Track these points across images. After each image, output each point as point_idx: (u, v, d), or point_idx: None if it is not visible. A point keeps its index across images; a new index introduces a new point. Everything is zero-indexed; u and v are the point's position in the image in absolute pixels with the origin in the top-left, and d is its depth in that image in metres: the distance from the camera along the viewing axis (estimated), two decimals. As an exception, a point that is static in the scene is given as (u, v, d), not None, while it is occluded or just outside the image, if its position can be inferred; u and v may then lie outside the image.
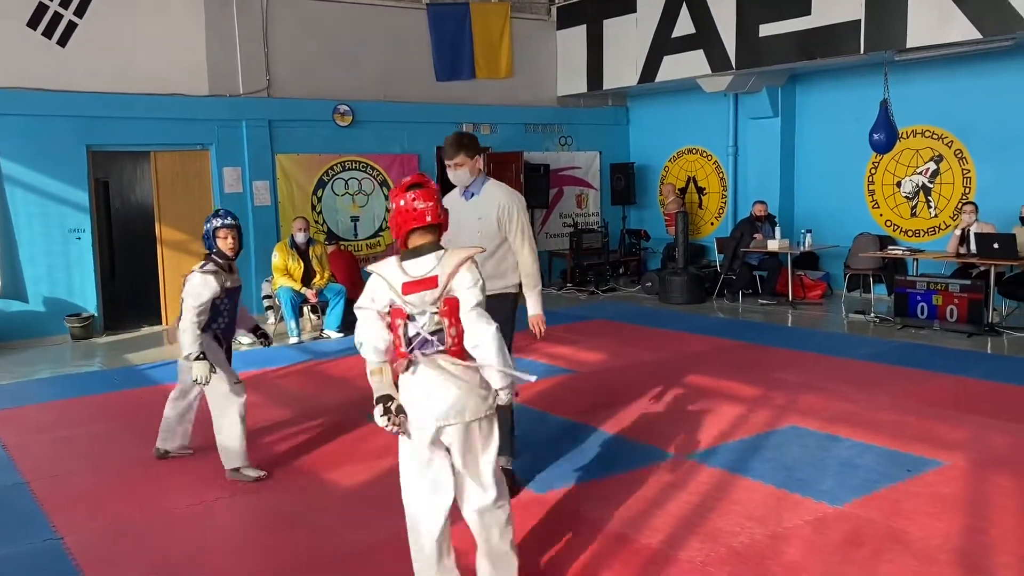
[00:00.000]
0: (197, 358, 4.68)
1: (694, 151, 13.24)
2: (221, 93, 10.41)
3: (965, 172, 10.16)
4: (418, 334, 3.15)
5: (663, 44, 11.61)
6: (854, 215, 11.08)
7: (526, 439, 5.44)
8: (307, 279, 9.04)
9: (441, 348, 3.15)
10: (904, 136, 10.19)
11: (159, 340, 9.46)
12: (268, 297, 9.61)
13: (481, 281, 3.19)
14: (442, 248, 3.21)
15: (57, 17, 9.41)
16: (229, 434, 4.86)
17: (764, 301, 10.77)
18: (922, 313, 8.77)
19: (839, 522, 4.06)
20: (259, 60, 10.65)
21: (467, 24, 12.19)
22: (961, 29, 8.58)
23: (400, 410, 3.15)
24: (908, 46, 9.07)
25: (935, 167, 10.45)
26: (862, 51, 9.44)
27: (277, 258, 8.99)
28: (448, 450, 3.22)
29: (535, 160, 12.75)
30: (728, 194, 12.71)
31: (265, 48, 10.68)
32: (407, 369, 3.17)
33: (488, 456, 3.24)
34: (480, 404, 3.17)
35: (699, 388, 6.62)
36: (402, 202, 3.19)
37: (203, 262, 4.83)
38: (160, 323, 10.30)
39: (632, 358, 7.78)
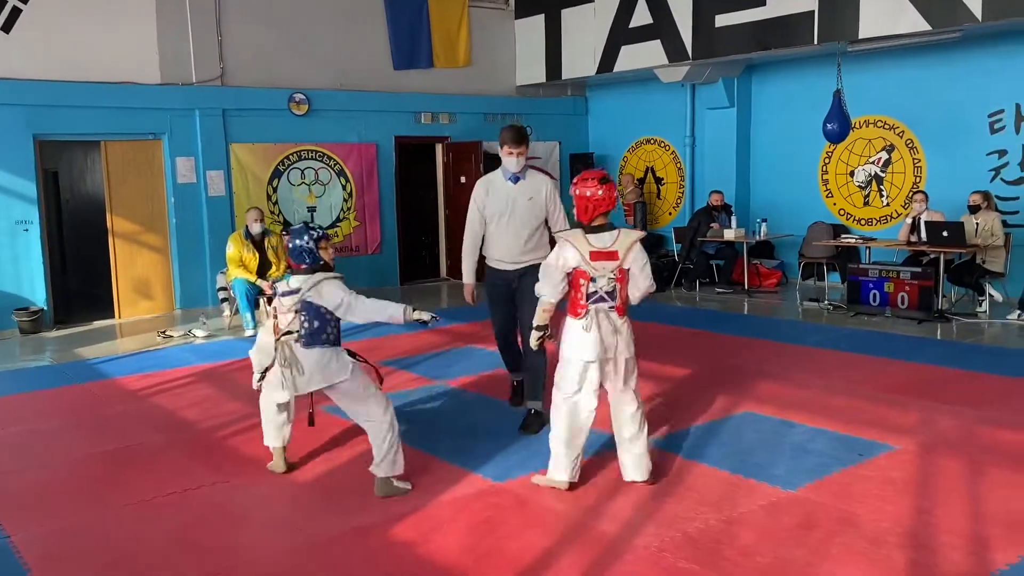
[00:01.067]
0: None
1: (652, 141, 13.31)
2: (173, 81, 10.21)
3: (916, 161, 10.36)
4: (596, 292, 4.29)
5: (621, 34, 11.65)
6: (808, 204, 11.24)
7: (486, 427, 5.45)
8: (263, 270, 8.91)
9: (613, 304, 4.32)
10: (857, 126, 10.36)
11: (111, 334, 9.28)
12: (223, 289, 9.46)
13: (648, 262, 4.46)
14: (616, 228, 4.38)
15: (0, 3, 9.15)
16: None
17: (721, 290, 10.89)
18: (874, 300, 8.93)
19: (792, 506, 4.12)
20: (212, 48, 10.46)
21: (424, 12, 12.10)
22: (911, 21, 8.73)
23: (551, 336, 4.47)
24: (860, 37, 9.21)
25: (887, 157, 10.64)
26: (816, 42, 9.56)
27: (231, 249, 8.84)
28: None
29: (494, 150, 12.61)
30: (686, 184, 12.81)
31: (218, 36, 10.50)
32: (582, 316, 4.31)
33: (632, 380, 4.44)
34: (630, 347, 4.42)
35: (657, 376, 6.66)
36: (600, 192, 4.35)
37: (329, 274, 4.36)
38: (113, 316, 10.10)
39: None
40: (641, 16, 11.33)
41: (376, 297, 4.50)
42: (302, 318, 4.29)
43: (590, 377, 4.32)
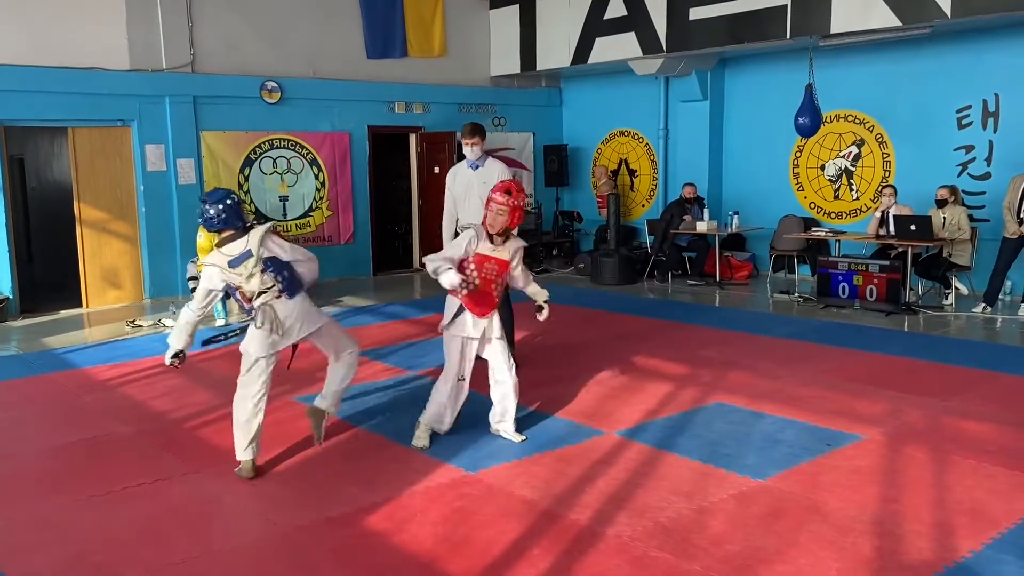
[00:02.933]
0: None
1: (626, 133, 13.35)
2: (143, 68, 10.06)
3: (885, 156, 10.48)
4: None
5: (595, 26, 11.65)
6: (780, 197, 11.34)
7: (459, 419, 5.44)
8: (234, 260, 8.82)
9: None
10: (828, 120, 10.46)
11: (79, 323, 9.15)
12: (194, 279, 9.34)
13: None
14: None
15: (-36, -16, 8.97)
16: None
17: (693, 282, 10.96)
18: (843, 293, 9.04)
19: (762, 495, 4.17)
20: (182, 34, 10.32)
21: (398, 1, 12.02)
22: (882, 16, 8.82)
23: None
24: (832, 32, 9.29)
25: (857, 151, 10.76)
26: (788, 36, 9.63)
27: (202, 238, 8.73)
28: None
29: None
30: (659, 176, 12.87)
31: (189, 22, 10.36)
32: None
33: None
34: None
35: (629, 367, 6.70)
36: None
37: (263, 226, 4.53)
38: (80, 305, 9.96)
39: (563, 338, 7.83)
40: (615, 8, 11.35)
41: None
42: (273, 274, 4.40)
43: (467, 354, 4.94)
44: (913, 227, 8.68)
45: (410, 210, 12.89)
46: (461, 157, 6.76)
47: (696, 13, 10.45)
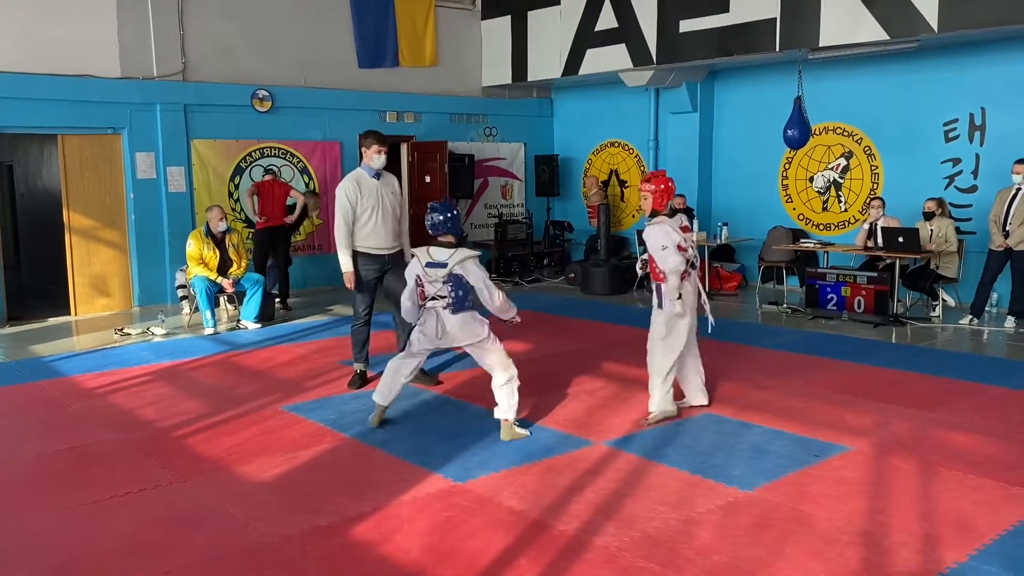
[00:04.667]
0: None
1: (616, 144, 13.40)
2: (133, 75, 10.05)
3: (873, 168, 10.56)
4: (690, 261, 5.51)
5: (586, 37, 11.71)
6: (768, 209, 11.40)
7: (447, 428, 5.45)
8: (223, 268, 8.82)
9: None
10: (817, 132, 10.53)
11: (67, 331, 9.10)
12: (182, 287, 9.33)
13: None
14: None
15: (-46, -9, 8.95)
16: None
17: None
18: (832, 304, 9.08)
19: (749, 506, 4.18)
20: (174, 42, 10.32)
21: (390, 11, 12.06)
22: (870, 30, 8.90)
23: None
24: (821, 45, 9.36)
25: (845, 163, 10.83)
26: (777, 49, 9.69)
27: (192, 247, 8.74)
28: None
29: (460, 150, 12.72)
30: (649, 187, 12.89)
31: (180, 30, 10.36)
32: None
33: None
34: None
35: (619, 377, 6.71)
36: (672, 183, 5.69)
37: (470, 252, 5.14)
38: (69, 313, 9.92)
39: (554, 348, 7.85)
40: (607, 20, 11.41)
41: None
42: (449, 288, 5.06)
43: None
44: (901, 239, 8.73)
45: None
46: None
47: (686, 25, 10.51)
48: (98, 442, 5.28)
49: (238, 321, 9.04)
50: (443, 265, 5.03)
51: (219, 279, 8.73)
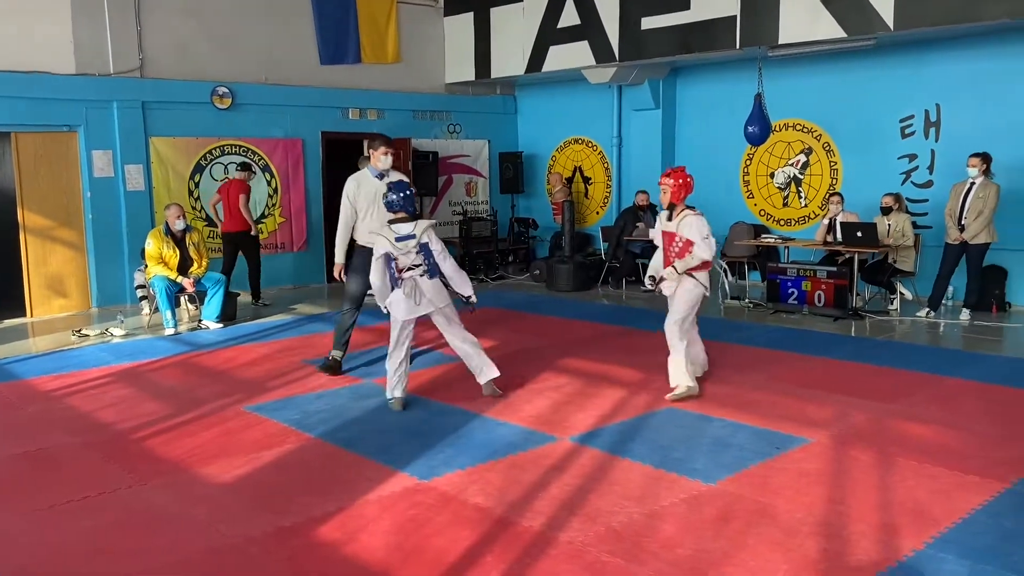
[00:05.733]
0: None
1: (580, 141, 13.45)
2: (89, 72, 9.87)
3: (832, 164, 10.71)
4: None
5: (549, 34, 11.73)
6: (730, 205, 11.52)
7: (412, 426, 5.44)
8: (183, 267, 8.69)
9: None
10: (777, 129, 10.66)
11: (23, 333, 8.91)
12: (142, 287, 9.19)
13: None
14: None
15: (-99, -15, 8.71)
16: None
17: (646, 288, 11.00)
18: (792, 298, 9.21)
19: (712, 499, 4.22)
20: (131, 38, 10.15)
21: (352, 7, 11.98)
22: (828, 28, 9.03)
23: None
24: (780, 42, 9.48)
25: (805, 159, 10.98)
26: (738, 46, 9.79)
27: (151, 246, 8.60)
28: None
29: (424, 147, 12.68)
30: (613, 184, 12.99)
31: (137, 26, 10.19)
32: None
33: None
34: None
35: (583, 373, 6.75)
36: (691, 179, 6.04)
37: (430, 221, 5.79)
38: (24, 315, 9.71)
39: (519, 345, 7.86)
40: (569, 17, 11.44)
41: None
42: (423, 257, 5.63)
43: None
44: (859, 234, 8.88)
45: (364, 217, 12.80)
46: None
47: (648, 23, 10.58)
48: (56, 445, 5.18)
49: (199, 321, 8.93)
50: (411, 236, 5.59)
51: (179, 278, 8.61)
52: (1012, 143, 8.91)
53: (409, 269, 5.62)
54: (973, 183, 8.44)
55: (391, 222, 5.69)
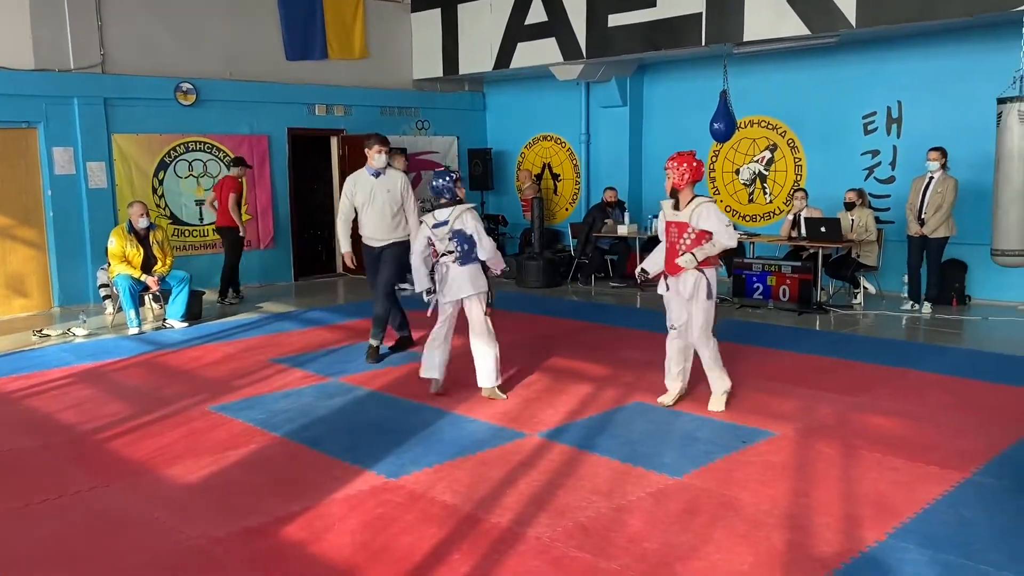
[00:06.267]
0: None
1: (549, 138, 13.46)
2: (49, 68, 9.69)
3: (797, 160, 10.83)
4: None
5: (517, 31, 11.73)
6: (698, 201, 11.57)
7: (380, 424, 5.41)
8: (147, 266, 8.58)
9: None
10: (742, 126, 10.75)
11: (-19, 333, 8.74)
12: (105, 286, 9.05)
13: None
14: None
15: None
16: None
17: (615, 284, 11.12)
18: (758, 293, 9.30)
19: (679, 492, 4.25)
20: (91, 33, 9.98)
21: (318, 2, 11.88)
22: (792, 25, 9.11)
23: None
24: (745, 40, 9.55)
25: (770, 156, 11.09)
26: (703, 43, 9.86)
27: (114, 244, 8.47)
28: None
29: (392, 144, 12.58)
30: (581, 180, 13.02)
31: (98, 21, 10.02)
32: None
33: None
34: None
35: (552, 369, 6.76)
36: (700, 165, 5.47)
37: (467, 204, 5.79)
38: (-18, 315, 9.53)
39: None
40: (536, 14, 11.44)
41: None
42: (455, 243, 5.63)
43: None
44: (823, 229, 8.98)
45: (332, 215, 12.69)
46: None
47: (615, 20, 10.61)
48: (16, 448, 5.09)
49: (164, 320, 8.81)
50: (445, 223, 5.66)
51: (143, 277, 8.49)
52: (971, 139, 9.06)
53: (444, 255, 5.74)
54: (932, 177, 8.58)
55: (436, 207, 5.81)
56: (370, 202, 6.85)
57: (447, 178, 5.78)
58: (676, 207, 5.47)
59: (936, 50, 9.51)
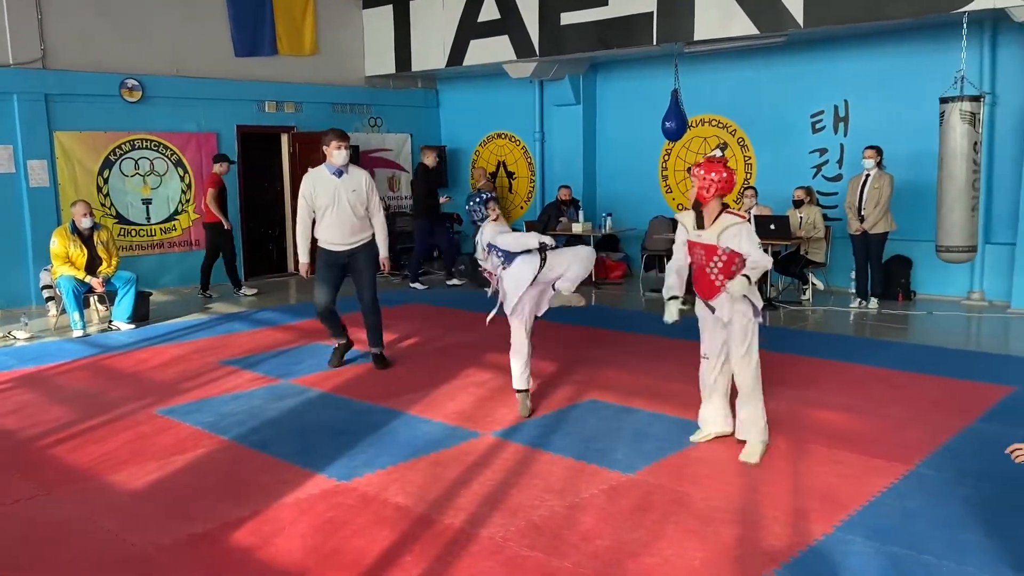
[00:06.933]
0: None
1: (503, 136, 13.45)
2: (-14, 62, 9.41)
3: (747, 159, 10.98)
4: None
5: (470, 28, 11.69)
6: (649, 199, 11.70)
7: (331, 426, 5.35)
8: (92, 267, 8.37)
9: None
10: (693, 124, 10.86)
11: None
12: (48, 287, 8.81)
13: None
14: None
15: None
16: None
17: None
18: (711, 290, 9.37)
19: (631, 489, 4.28)
20: (31, 27, 9.70)
21: (267, -3, 11.71)
22: (741, 25, 9.22)
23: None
24: (696, 39, 9.64)
25: (721, 154, 11.16)
26: (655, 42, 9.93)
27: (56, 245, 8.25)
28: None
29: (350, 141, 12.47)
30: (536, 179, 13.03)
31: (38, 14, 9.75)
32: None
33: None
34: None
35: (506, 368, 6.71)
36: (732, 173, 4.81)
37: (489, 220, 5.60)
38: (-82, 318, 9.20)
39: (443, 341, 7.82)
40: (489, 11, 11.41)
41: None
42: (496, 257, 5.51)
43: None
44: (772, 226, 9.11)
45: (283, 213, 12.55)
46: None
47: (567, 18, 10.63)
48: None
49: (109, 322, 8.61)
50: (489, 246, 5.56)
51: (87, 278, 8.29)
52: (915, 137, 9.27)
53: (495, 269, 5.60)
54: (869, 175, 8.76)
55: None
56: (334, 204, 6.29)
57: (477, 199, 5.67)
58: (699, 224, 4.68)
59: (881, 50, 9.70)
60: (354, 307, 6.93)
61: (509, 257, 5.47)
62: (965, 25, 8.05)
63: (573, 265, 5.44)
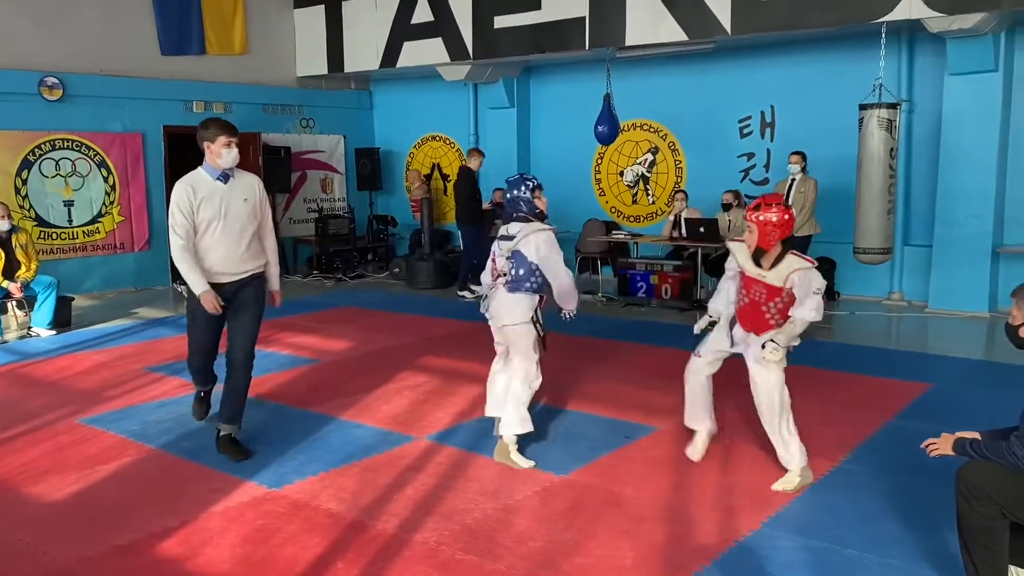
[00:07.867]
0: None
1: (438, 138, 13.42)
2: None
3: (677, 163, 11.17)
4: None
5: (403, 30, 11.63)
6: (583, 202, 11.81)
7: (261, 433, 5.25)
8: (9, 271, 8.06)
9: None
10: (625, 129, 11.00)
11: None
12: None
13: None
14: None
15: None
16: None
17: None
18: (642, 292, 9.54)
19: (564, 490, 4.31)
20: (-58, 22, 9.31)
21: (194, -5, 11.45)
22: (670, 31, 9.39)
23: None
24: (627, 44, 9.78)
25: (652, 158, 11.39)
26: (587, 47, 10.03)
27: (-18, 250, 7.93)
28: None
29: (275, 142, 12.31)
30: (470, 181, 13.01)
31: (-50, 8, 9.37)
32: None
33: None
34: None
35: (442, 370, 6.73)
36: (791, 215, 4.28)
37: (541, 226, 4.73)
38: None
39: (377, 344, 7.76)
40: (422, 13, 11.38)
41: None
42: (511, 265, 4.69)
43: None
44: (702, 229, 9.29)
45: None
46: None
47: (501, 21, 10.67)
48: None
49: (29, 328, 8.30)
50: (511, 238, 4.69)
51: (5, 283, 7.98)
52: (836, 142, 9.56)
53: (500, 276, 4.75)
54: (794, 179, 9.01)
55: (511, 219, 4.80)
56: (220, 219, 4.62)
57: (523, 187, 4.74)
58: (758, 261, 4.33)
59: (805, 58, 9.98)
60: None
61: (519, 285, 4.69)
62: (884, 35, 8.35)
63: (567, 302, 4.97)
